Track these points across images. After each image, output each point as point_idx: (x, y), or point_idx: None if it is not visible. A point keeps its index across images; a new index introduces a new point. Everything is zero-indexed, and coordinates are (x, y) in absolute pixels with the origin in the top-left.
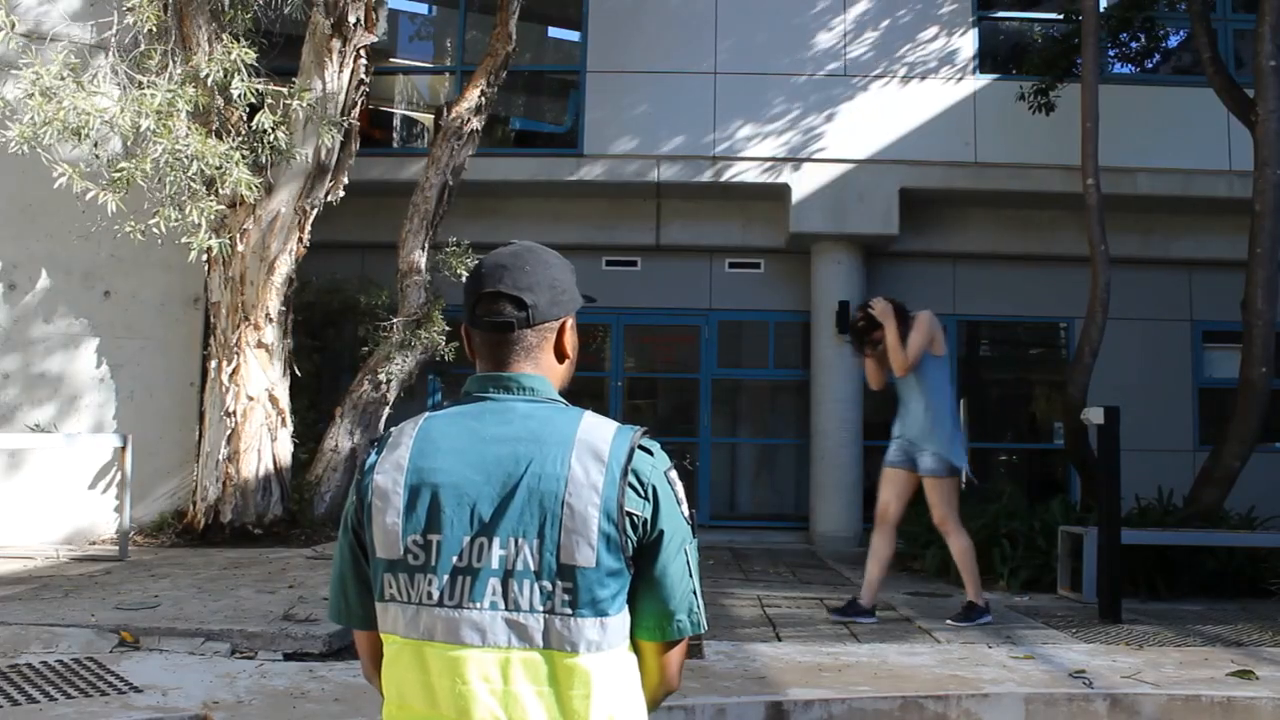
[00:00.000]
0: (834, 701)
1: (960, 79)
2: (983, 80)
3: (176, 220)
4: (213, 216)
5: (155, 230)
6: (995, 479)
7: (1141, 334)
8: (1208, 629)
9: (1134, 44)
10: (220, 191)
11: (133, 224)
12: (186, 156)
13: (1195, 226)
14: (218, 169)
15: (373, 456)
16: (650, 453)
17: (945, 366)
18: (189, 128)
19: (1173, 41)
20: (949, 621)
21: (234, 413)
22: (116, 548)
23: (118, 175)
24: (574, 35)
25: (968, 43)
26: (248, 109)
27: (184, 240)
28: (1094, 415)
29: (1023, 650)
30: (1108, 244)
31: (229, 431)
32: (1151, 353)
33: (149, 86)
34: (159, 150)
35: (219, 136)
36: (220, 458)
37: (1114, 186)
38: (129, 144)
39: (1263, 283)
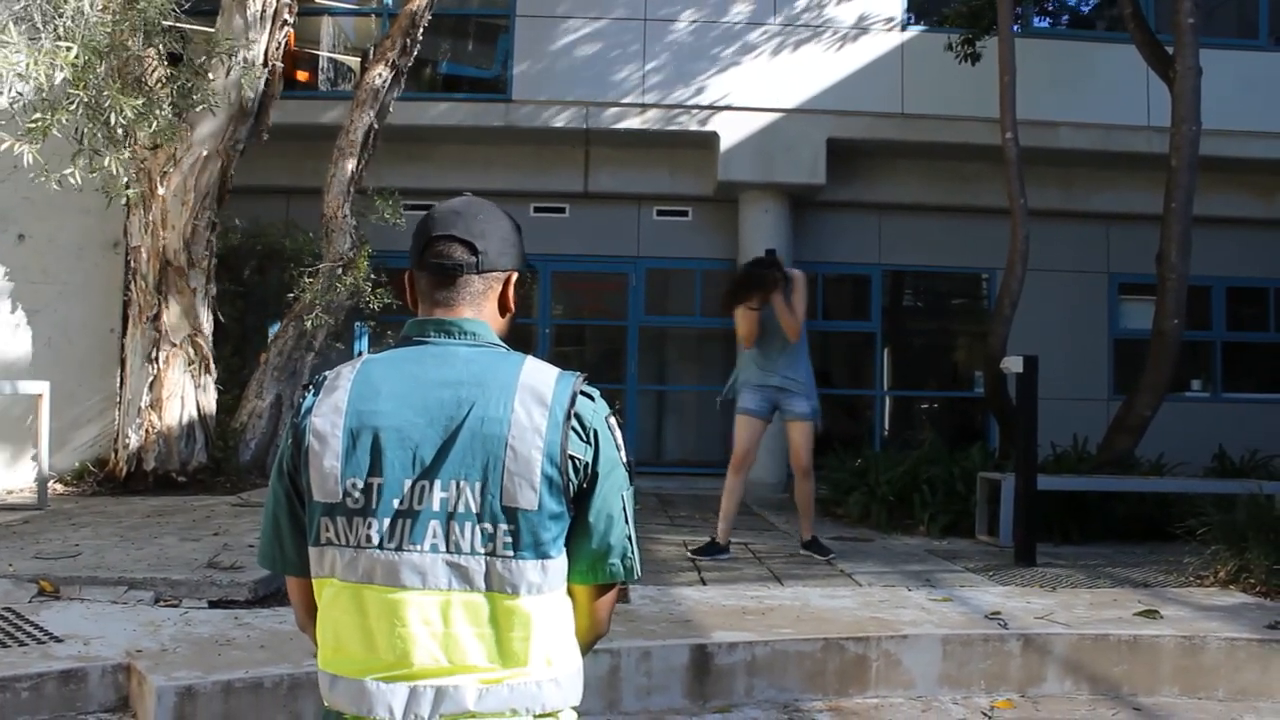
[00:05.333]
0: (757, 644)
1: (889, 30)
2: (911, 32)
3: (96, 172)
4: (129, 157)
5: (72, 180)
6: (916, 426)
7: (1060, 285)
8: (1117, 571)
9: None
10: (137, 139)
11: (47, 174)
12: (104, 108)
13: (1114, 181)
14: (136, 119)
15: (309, 399)
16: (591, 398)
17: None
18: (105, 79)
19: None
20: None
21: (156, 359)
22: (35, 497)
23: (33, 126)
24: None
25: None
26: (168, 55)
27: (99, 189)
28: (1013, 364)
29: (941, 593)
30: (1027, 197)
31: (151, 378)
32: (1070, 304)
33: (65, 35)
34: (75, 103)
35: (138, 84)
36: (142, 405)
37: (1037, 139)
38: (44, 94)
39: (1177, 237)
